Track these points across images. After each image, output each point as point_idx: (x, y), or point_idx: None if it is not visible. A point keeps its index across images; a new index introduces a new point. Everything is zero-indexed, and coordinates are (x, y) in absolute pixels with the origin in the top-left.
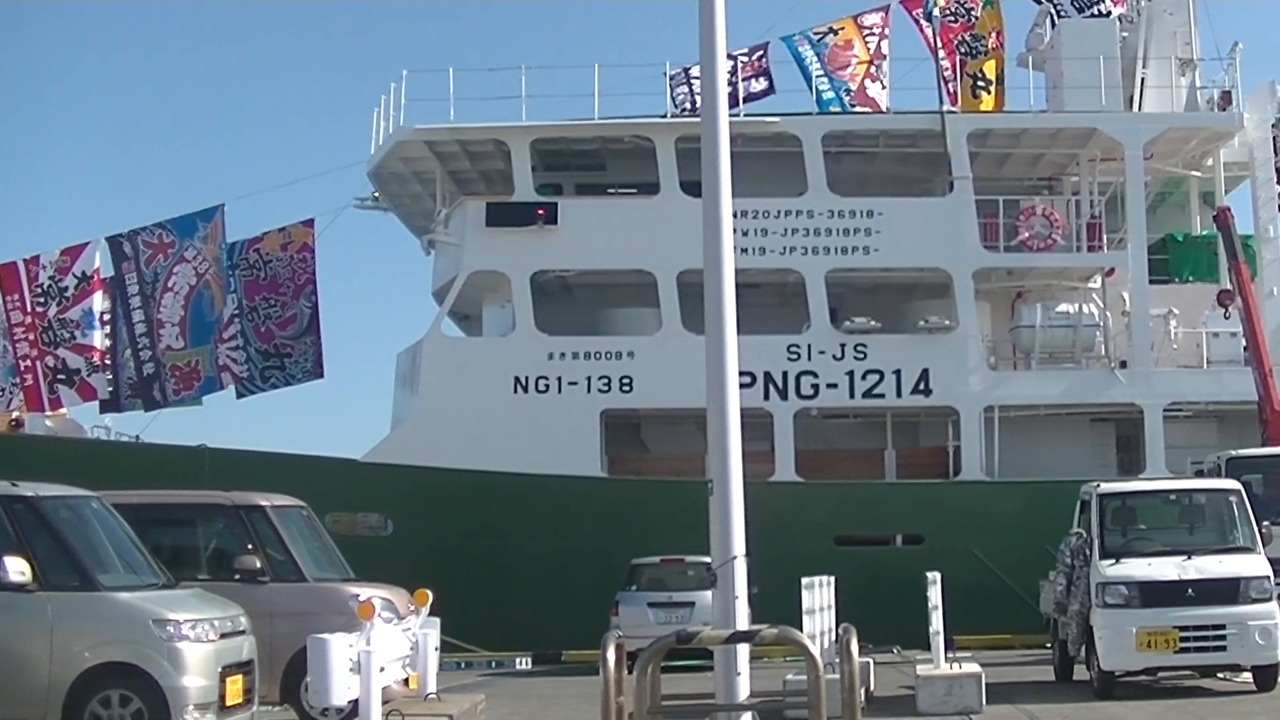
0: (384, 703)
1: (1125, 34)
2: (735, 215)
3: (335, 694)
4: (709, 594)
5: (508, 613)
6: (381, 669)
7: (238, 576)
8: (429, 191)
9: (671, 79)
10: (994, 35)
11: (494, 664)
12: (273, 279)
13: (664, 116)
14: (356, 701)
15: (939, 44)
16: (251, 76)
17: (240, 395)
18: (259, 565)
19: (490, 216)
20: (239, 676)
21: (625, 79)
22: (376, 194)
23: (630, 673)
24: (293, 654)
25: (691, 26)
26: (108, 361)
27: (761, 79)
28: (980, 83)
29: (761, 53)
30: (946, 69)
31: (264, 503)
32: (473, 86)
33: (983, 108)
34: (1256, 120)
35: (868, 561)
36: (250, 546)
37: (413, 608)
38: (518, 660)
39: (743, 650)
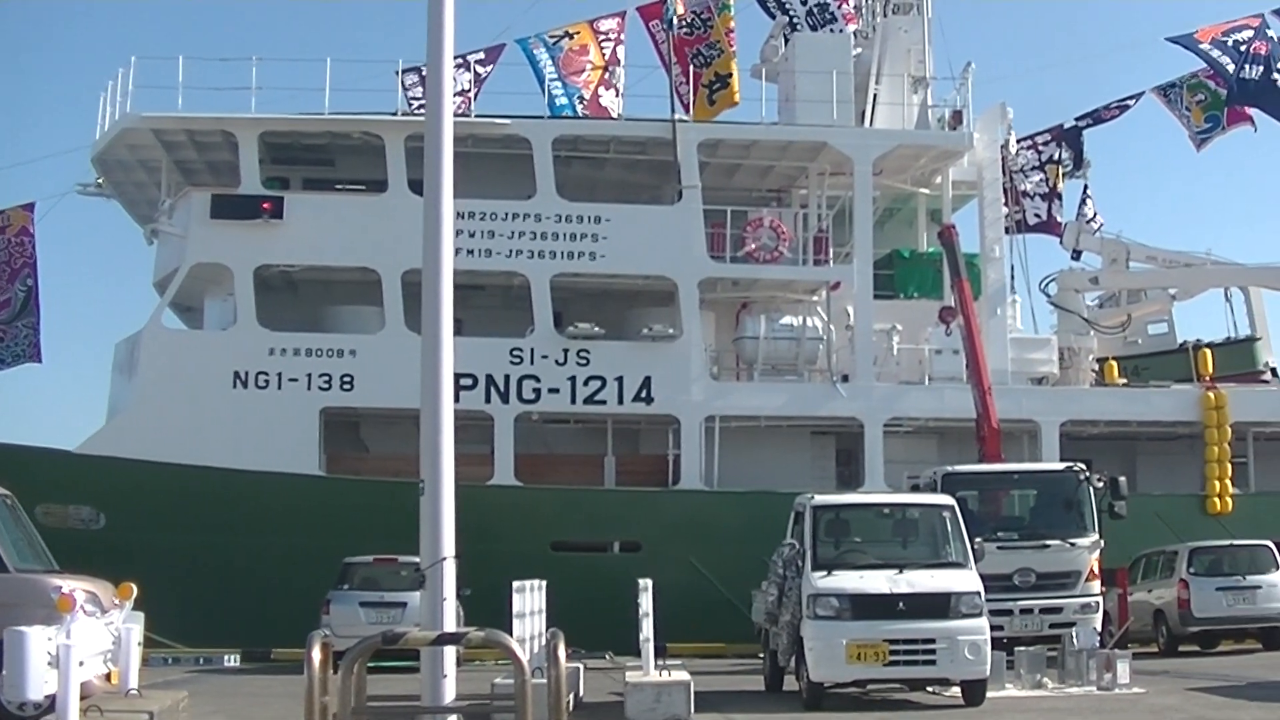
0: (83, 698)
1: (860, 49)
2: (462, 216)
3: (32, 688)
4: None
5: (220, 609)
6: (81, 663)
7: None
8: (154, 180)
9: (405, 78)
10: (726, 37)
11: (201, 660)
12: None
13: (395, 114)
14: (55, 696)
15: (673, 55)
16: None
17: None
18: None
19: (215, 208)
20: None
21: (358, 75)
22: (100, 180)
23: (336, 672)
24: None
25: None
26: None
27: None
28: (716, 86)
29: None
30: (680, 80)
31: None
32: (203, 76)
33: (720, 105)
34: (986, 140)
35: (584, 567)
36: None
37: (117, 602)
38: (226, 657)
39: (449, 652)
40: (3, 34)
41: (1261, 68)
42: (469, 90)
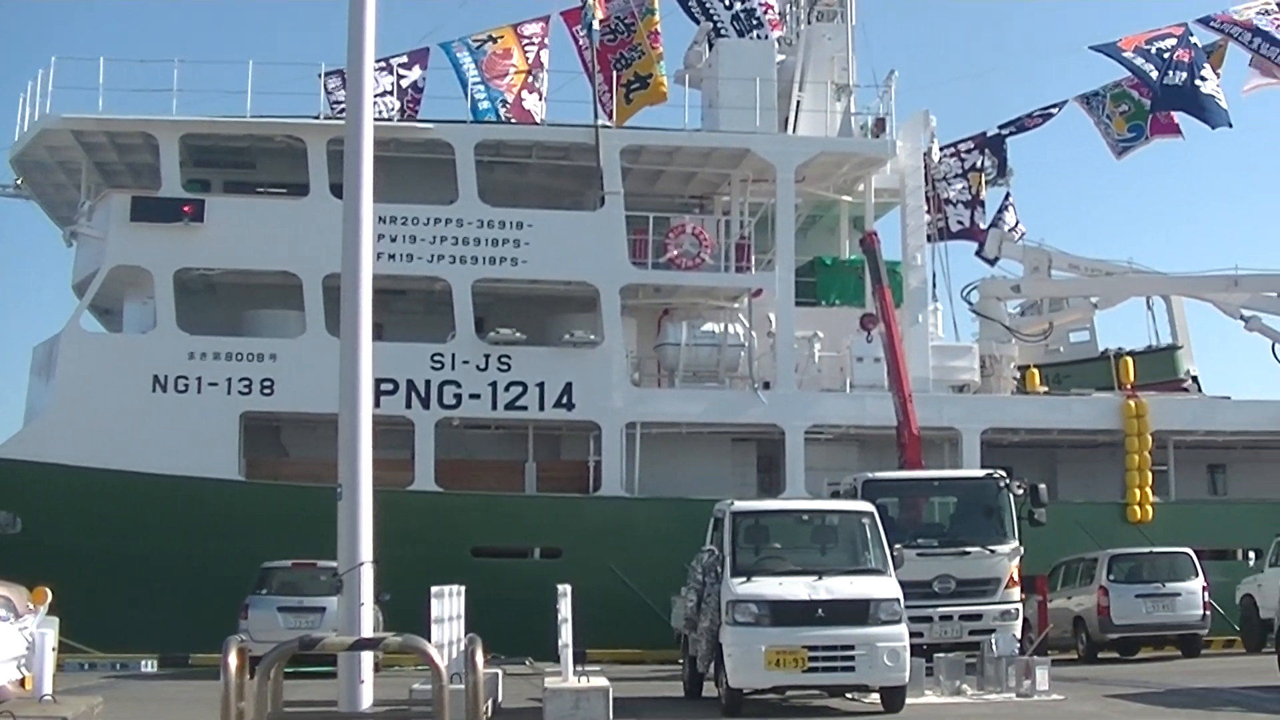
0: None
1: (783, 56)
2: (383, 220)
3: None
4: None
5: (138, 614)
6: None
7: None
8: (74, 182)
9: (328, 80)
10: (650, 39)
11: (118, 666)
12: None
13: (317, 117)
14: None
15: (596, 61)
16: None
17: None
18: None
19: (135, 211)
20: None
21: (280, 78)
22: (19, 181)
23: (253, 678)
24: None
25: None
26: None
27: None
28: (635, 85)
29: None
30: (603, 87)
31: None
32: (124, 77)
33: (638, 103)
34: (909, 148)
35: (505, 573)
36: None
37: (31, 606)
38: (143, 662)
39: (366, 658)
40: None
41: (1185, 74)
42: (391, 91)
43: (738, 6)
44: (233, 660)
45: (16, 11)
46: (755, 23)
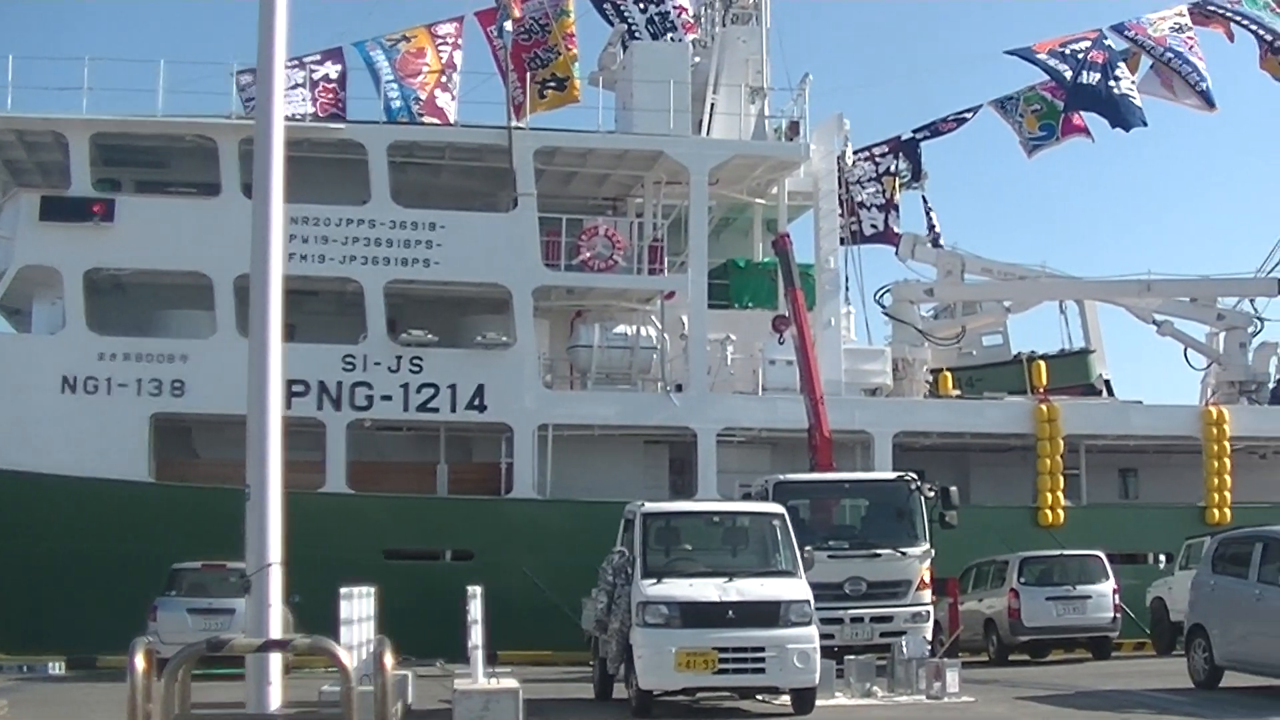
0: None
1: (698, 59)
2: (295, 221)
3: None
4: None
5: (45, 616)
6: None
7: None
8: None
9: (240, 79)
10: (565, 40)
11: (25, 668)
12: None
13: (229, 117)
14: None
15: (509, 62)
16: None
17: None
18: None
19: (44, 210)
20: None
21: (192, 76)
22: None
23: (160, 679)
24: None
25: None
26: None
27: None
28: (549, 84)
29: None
30: (517, 87)
31: None
32: (33, 75)
33: (551, 101)
34: (823, 151)
35: (417, 575)
36: None
37: None
38: (50, 665)
39: (275, 659)
40: None
41: (1099, 74)
42: (303, 84)
43: (652, 9)
44: (140, 662)
45: None
46: (670, 25)
